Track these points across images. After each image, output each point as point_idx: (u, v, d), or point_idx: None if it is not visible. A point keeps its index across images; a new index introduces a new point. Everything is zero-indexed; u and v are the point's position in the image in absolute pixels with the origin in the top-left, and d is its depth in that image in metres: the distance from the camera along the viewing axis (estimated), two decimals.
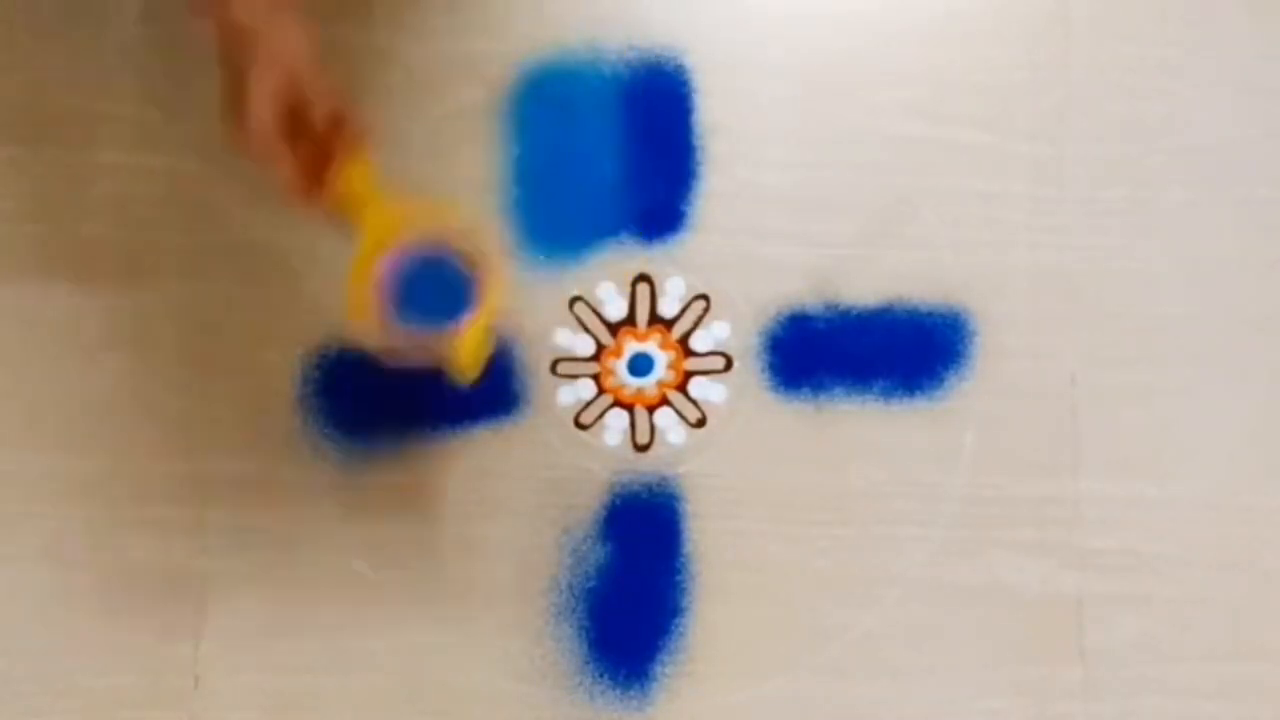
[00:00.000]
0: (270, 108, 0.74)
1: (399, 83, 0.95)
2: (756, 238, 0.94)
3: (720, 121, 0.96)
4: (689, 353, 0.93)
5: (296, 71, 0.75)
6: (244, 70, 0.74)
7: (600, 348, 0.93)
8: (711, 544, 0.91)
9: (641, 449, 0.92)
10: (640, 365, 0.93)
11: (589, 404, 0.92)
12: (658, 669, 0.89)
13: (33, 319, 0.92)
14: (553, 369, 0.93)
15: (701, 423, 0.92)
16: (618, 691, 0.89)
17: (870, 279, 0.94)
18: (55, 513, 0.90)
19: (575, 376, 0.92)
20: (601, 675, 0.89)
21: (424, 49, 0.96)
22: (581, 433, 0.92)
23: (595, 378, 0.93)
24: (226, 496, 0.90)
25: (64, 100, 0.94)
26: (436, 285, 0.78)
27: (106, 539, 0.89)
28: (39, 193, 0.93)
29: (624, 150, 0.95)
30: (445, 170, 0.94)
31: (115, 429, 0.91)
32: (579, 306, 0.93)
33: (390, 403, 0.91)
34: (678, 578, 0.90)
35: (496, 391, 0.92)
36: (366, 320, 0.77)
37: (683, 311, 0.94)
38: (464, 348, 0.77)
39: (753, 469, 0.92)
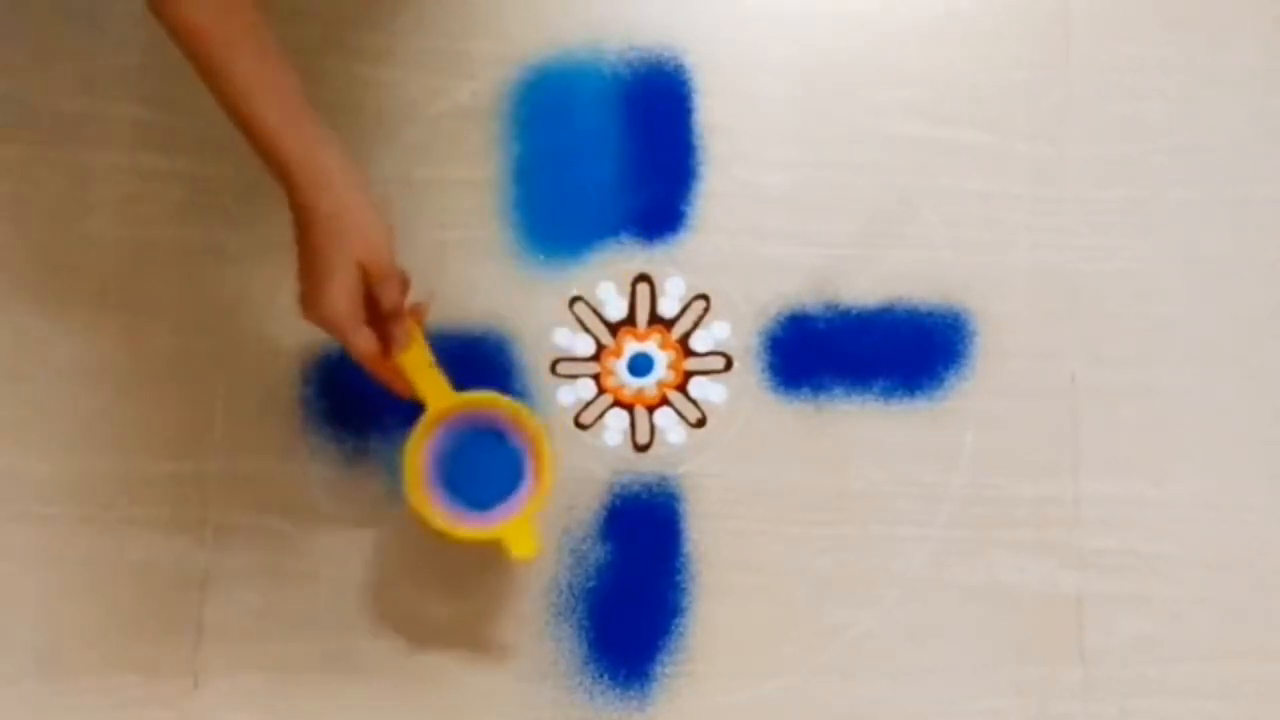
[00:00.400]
0: (349, 298, 0.75)
1: (399, 82, 0.95)
2: (756, 238, 0.94)
3: (720, 121, 0.96)
4: (689, 353, 0.93)
5: (376, 257, 0.76)
6: (320, 249, 0.75)
7: (600, 348, 0.93)
8: (711, 544, 0.91)
9: (641, 449, 0.92)
10: (640, 365, 0.93)
11: (589, 404, 0.92)
12: (658, 669, 0.89)
13: (33, 319, 0.92)
14: (553, 369, 0.93)
15: (701, 423, 0.92)
16: (618, 691, 0.89)
17: (870, 279, 0.94)
18: (55, 513, 0.90)
19: (575, 376, 0.92)
20: (601, 675, 0.89)
21: (424, 49, 0.96)
22: (581, 433, 0.92)
23: (595, 378, 0.93)
24: (226, 496, 0.90)
25: (64, 100, 0.94)
26: (487, 462, 0.84)
27: (106, 539, 0.89)
28: (39, 193, 0.93)
29: (624, 150, 0.95)
30: (445, 170, 0.94)
31: (115, 429, 0.91)
32: (579, 306, 0.93)
33: (390, 403, 0.91)
34: (678, 578, 0.90)
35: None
36: (417, 491, 0.82)
37: (683, 311, 0.94)
38: (521, 532, 0.82)
39: (753, 469, 0.92)
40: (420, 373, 0.81)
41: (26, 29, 0.95)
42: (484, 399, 0.84)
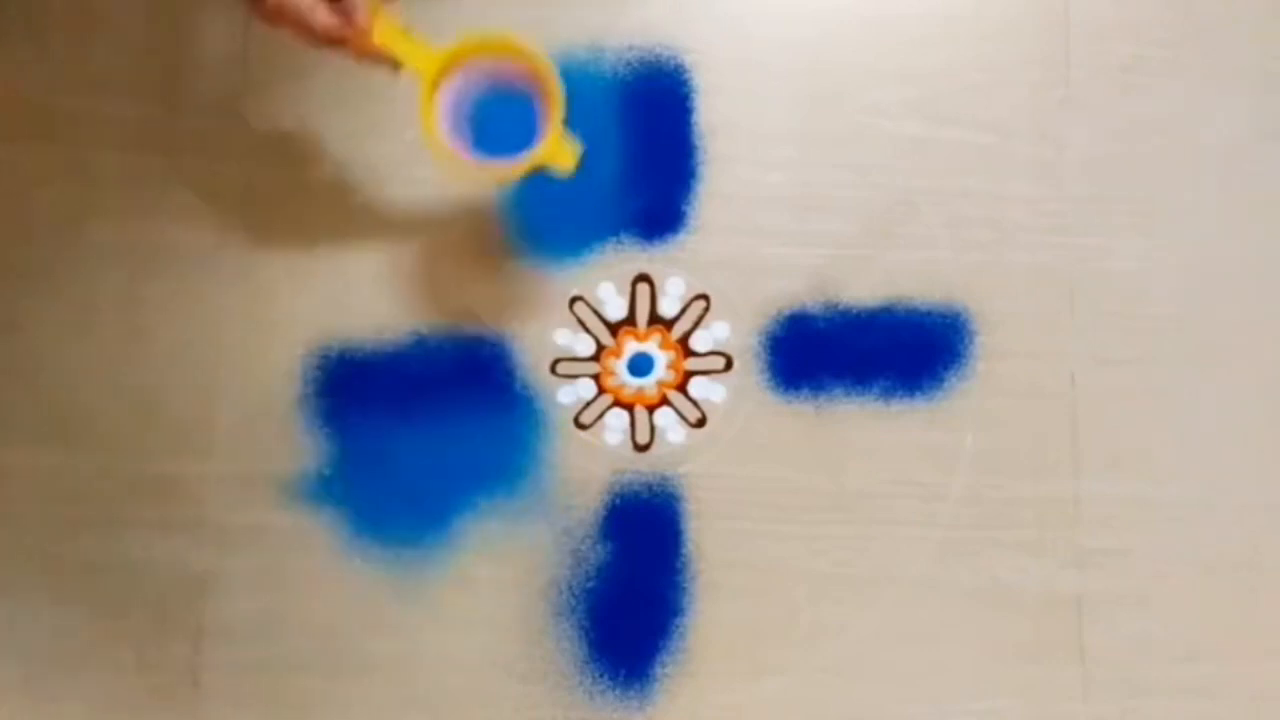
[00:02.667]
0: None
1: (399, 82, 0.95)
2: (756, 238, 0.94)
3: (720, 121, 0.96)
4: (689, 353, 0.93)
5: None
6: None
7: (600, 348, 0.93)
8: (711, 544, 0.91)
9: (641, 449, 0.92)
10: (640, 365, 0.93)
11: (589, 404, 0.92)
12: (658, 669, 0.89)
13: (32, 319, 0.92)
14: (553, 369, 0.93)
15: (701, 423, 0.92)
16: (618, 691, 0.89)
17: (870, 279, 0.94)
18: (55, 513, 0.90)
19: (575, 376, 0.92)
20: (601, 675, 0.89)
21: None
22: (581, 433, 0.92)
23: (595, 378, 0.93)
24: (226, 496, 0.90)
25: (64, 100, 0.94)
26: (500, 108, 0.83)
27: (106, 539, 0.89)
28: (40, 193, 0.93)
29: (624, 150, 0.95)
30: (446, 172, 0.94)
31: (115, 429, 0.91)
32: (579, 306, 0.93)
33: (390, 403, 0.92)
34: (678, 578, 0.90)
35: (496, 391, 0.92)
36: (447, 156, 0.81)
37: (683, 311, 0.94)
38: (555, 148, 0.82)
39: (753, 469, 0.92)
40: (398, 43, 0.80)
41: (27, 29, 0.95)
42: (468, 45, 0.82)
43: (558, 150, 0.82)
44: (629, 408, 0.93)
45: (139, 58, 0.95)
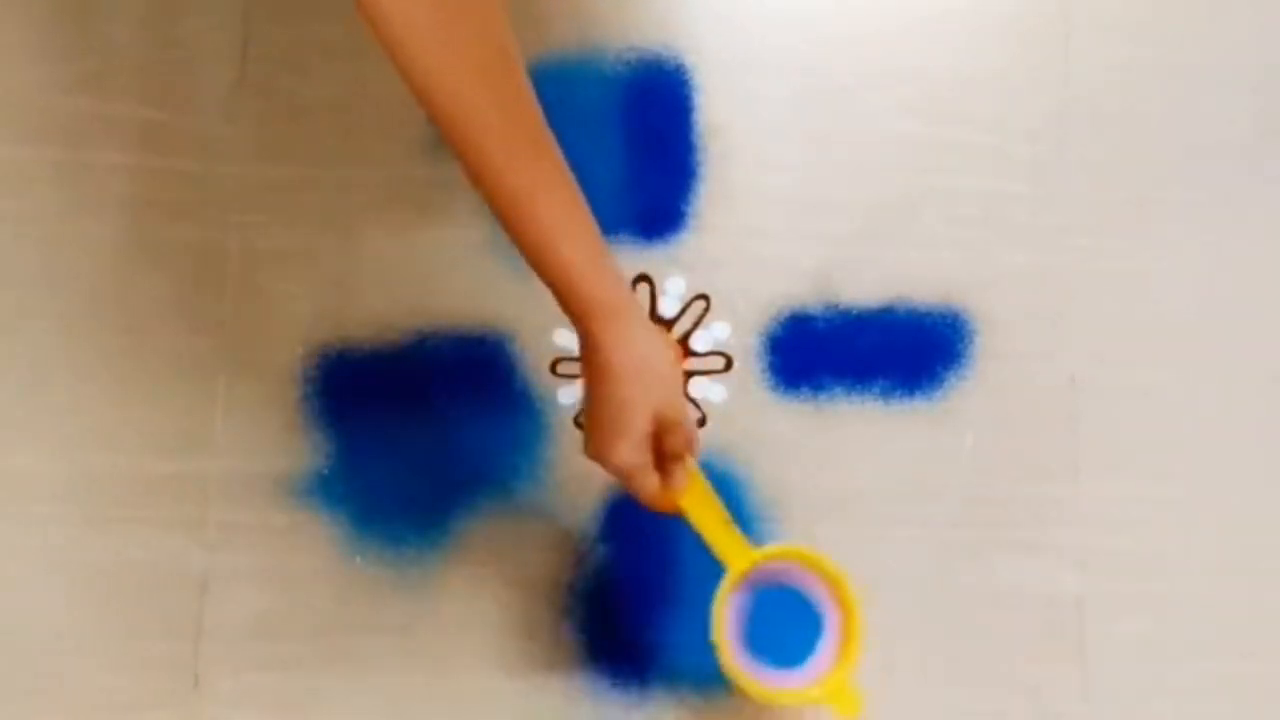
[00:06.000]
0: (644, 449, 0.74)
1: (398, 82, 0.94)
2: (756, 238, 0.94)
3: (720, 121, 0.96)
4: (689, 353, 0.93)
5: (672, 407, 0.74)
6: (622, 400, 0.72)
7: None
8: None
9: None
10: None
11: None
12: (658, 669, 0.89)
13: (33, 319, 0.92)
14: (553, 369, 0.93)
15: (701, 423, 0.92)
16: (618, 691, 0.89)
17: (870, 279, 0.94)
18: (55, 513, 0.90)
19: (575, 376, 0.92)
20: (601, 675, 0.89)
21: None
22: (581, 433, 0.92)
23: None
24: (226, 496, 0.90)
25: (64, 100, 0.94)
26: (783, 615, 0.81)
27: (106, 539, 0.89)
28: (39, 193, 0.93)
29: (624, 150, 0.95)
30: (445, 170, 0.94)
31: (115, 429, 0.91)
32: None
33: (390, 403, 0.92)
34: (678, 578, 0.90)
35: (496, 391, 0.92)
36: (723, 651, 0.79)
37: (683, 311, 0.94)
38: (841, 690, 0.79)
39: (753, 469, 0.92)
40: (715, 530, 0.79)
41: (27, 29, 0.95)
42: (788, 551, 0.81)
43: (846, 692, 0.79)
44: None
45: (139, 58, 0.95)
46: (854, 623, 0.80)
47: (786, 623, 0.81)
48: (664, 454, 0.76)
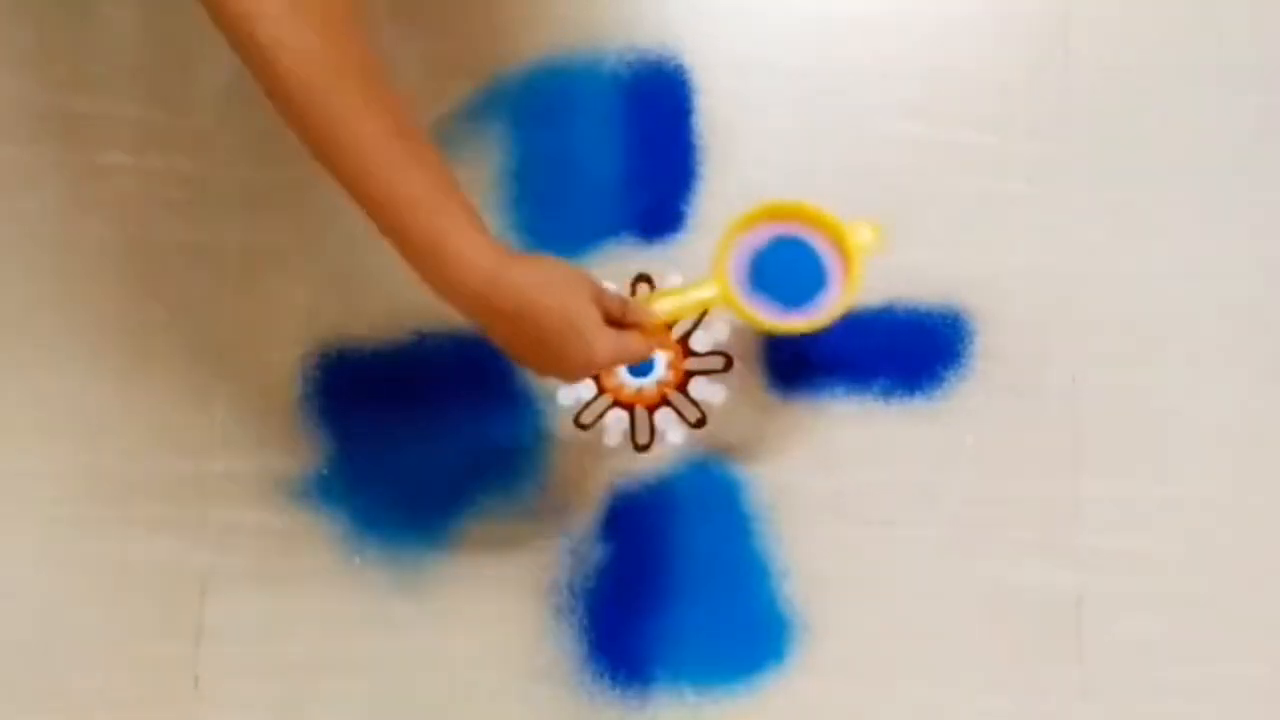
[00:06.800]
0: (611, 347, 0.75)
1: (398, 83, 0.95)
2: None
3: (720, 121, 0.96)
4: (689, 353, 0.93)
5: (585, 282, 0.76)
6: (561, 331, 0.73)
7: None
8: None
9: (641, 449, 0.92)
10: (640, 365, 0.93)
11: (589, 404, 0.92)
12: (658, 669, 0.89)
13: (33, 319, 0.92)
14: None
15: (701, 423, 0.92)
16: (618, 691, 0.89)
17: (870, 279, 0.94)
18: (55, 512, 0.90)
19: None
20: (601, 675, 0.89)
21: (424, 49, 0.96)
22: (581, 433, 0.92)
23: (595, 378, 0.93)
24: (226, 496, 0.90)
25: (64, 100, 0.94)
26: (785, 263, 0.84)
27: (106, 539, 0.89)
28: (39, 193, 0.93)
29: (624, 150, 0.95)
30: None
31: (116, 429, 0.91)
32: None
33: (390, 403, 0.92)
34: (678, 578, 0.90)
35: (496, 391, 0.92)
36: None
37: None
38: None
39: (753, 469, 0.92)
40: (693, 299, 0.82)
41: (27, 28, 0.95)
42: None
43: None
44: (629, 408, 0.93)
45: (139, 58, 0.95)
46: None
47: (795, 275, 0.84)
48: (616, 322, 0.77)
